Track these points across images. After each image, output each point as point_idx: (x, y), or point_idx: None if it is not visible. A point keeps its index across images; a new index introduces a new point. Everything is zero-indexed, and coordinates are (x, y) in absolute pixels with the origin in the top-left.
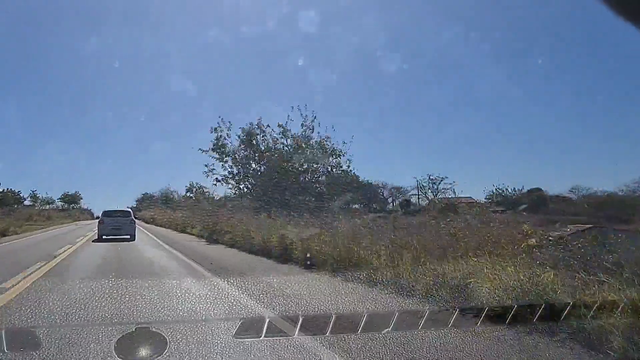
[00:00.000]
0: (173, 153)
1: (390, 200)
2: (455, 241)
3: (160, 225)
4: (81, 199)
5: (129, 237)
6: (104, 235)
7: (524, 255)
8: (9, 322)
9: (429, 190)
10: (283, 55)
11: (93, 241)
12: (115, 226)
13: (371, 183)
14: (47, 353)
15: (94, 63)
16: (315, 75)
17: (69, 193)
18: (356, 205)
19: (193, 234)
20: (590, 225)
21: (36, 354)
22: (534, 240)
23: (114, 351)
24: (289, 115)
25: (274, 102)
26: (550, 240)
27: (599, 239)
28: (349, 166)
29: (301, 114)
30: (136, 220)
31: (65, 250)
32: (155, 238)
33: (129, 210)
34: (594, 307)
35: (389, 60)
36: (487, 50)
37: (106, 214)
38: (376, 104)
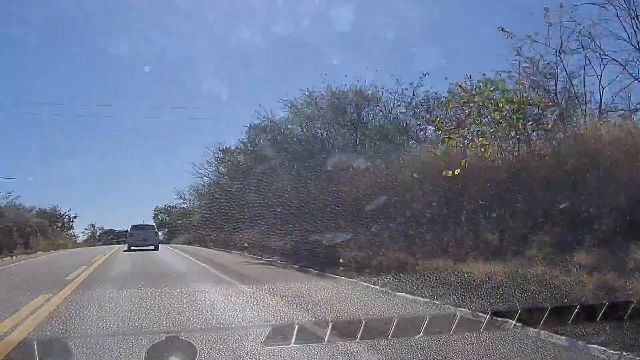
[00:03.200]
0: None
1: None
2: None
3: None
4: None
5: (153, 247)
6: (132, 245)
7: None
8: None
9: None
10: (317, 54)
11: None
12: (142, 238)
13: None
14: None
15: (125, 64)
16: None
17: None
18: None
19: None
20: None
21: None
22: None
23: None
24: None
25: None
26: None
27: None
28: None
29: None
30: None
31: None
32: None
33: (153, 224)
34: None
35: (424, 57)
36: None
37: (135, 227)
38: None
